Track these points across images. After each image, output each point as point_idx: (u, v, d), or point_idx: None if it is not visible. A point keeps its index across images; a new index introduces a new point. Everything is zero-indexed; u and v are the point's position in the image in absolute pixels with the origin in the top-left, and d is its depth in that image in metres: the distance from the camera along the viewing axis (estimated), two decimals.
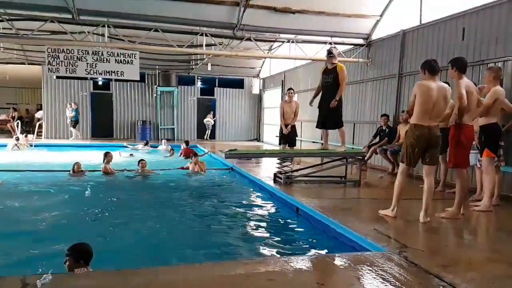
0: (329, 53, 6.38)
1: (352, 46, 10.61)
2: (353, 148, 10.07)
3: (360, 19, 9.68)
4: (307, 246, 4.16)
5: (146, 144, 13.63)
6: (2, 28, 9.19)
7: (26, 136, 13.69)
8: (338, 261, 3.16)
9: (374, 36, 10.04)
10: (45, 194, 6.47)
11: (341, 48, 10.75)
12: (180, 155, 11.59)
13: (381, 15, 9.57)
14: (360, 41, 10.28)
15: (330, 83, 6.24)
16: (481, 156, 5.00)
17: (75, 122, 15.55)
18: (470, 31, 6.81)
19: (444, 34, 7.43)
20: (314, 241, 4.28)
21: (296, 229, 4.73)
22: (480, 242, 4.05)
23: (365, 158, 8.03)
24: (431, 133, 4.25)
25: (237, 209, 5.71)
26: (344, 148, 6.71)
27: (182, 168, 8.74)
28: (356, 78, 10.55)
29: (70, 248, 2.87)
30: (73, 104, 15.62)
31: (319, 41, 10.53)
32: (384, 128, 8.50)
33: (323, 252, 3.89)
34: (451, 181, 6.20)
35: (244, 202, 6.20)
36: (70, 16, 8.54)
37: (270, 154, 7.77)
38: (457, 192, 4.53)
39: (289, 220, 5.10)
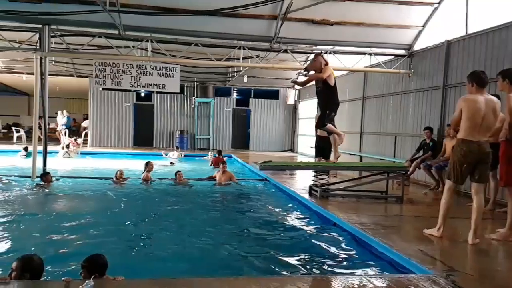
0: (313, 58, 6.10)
1: (393, 56, 10.33)
2: (394, 161, 9.72)
3: (401, 30, 9.43)
4: (345, 264, 4.01)
5: (177, 148, 14.91)
6: (54, 43, 9.86)
7: (76, 139, 14.49)
8: (379, 283, 3.02)
9: (416, 47, 9.73)
10: (90, 199, 6.92)
11: (381, 58, 10.52)
12: (210, 165, 11.81)
13: (423, 26, 9.27)
14: (402, 52, 10.00)
15: (320, 87, 6.00)
16: None
17: (67, 130, 15.15)
18: None
19: (493, 44, 7.04)
20: (352, 259, 4.13)
21: (332, 246, 4.56)
22: None
23: (408, 173, 7.70)
24: (481, 148, 4.02)
25: (270, 222, 5.65)
26: (335, 159, 6.48)
27: (211, 177, 8.83)
28: (398, 89, 10.24)
29: (85, 259, 2.86)
30: (64, 111, 15.80)
31: (358, 52, 10.36)
32: (427, 141, 8.14)
33: (362, 272, 3.74)
34: (502, 199, 5.79)
35: (278, 215, 6.13)
36: (116, 32, 9.03)
37: (306, 166, 7.65)
38: (509, 212, 4.23)
39: (325, 236, 4.94)
